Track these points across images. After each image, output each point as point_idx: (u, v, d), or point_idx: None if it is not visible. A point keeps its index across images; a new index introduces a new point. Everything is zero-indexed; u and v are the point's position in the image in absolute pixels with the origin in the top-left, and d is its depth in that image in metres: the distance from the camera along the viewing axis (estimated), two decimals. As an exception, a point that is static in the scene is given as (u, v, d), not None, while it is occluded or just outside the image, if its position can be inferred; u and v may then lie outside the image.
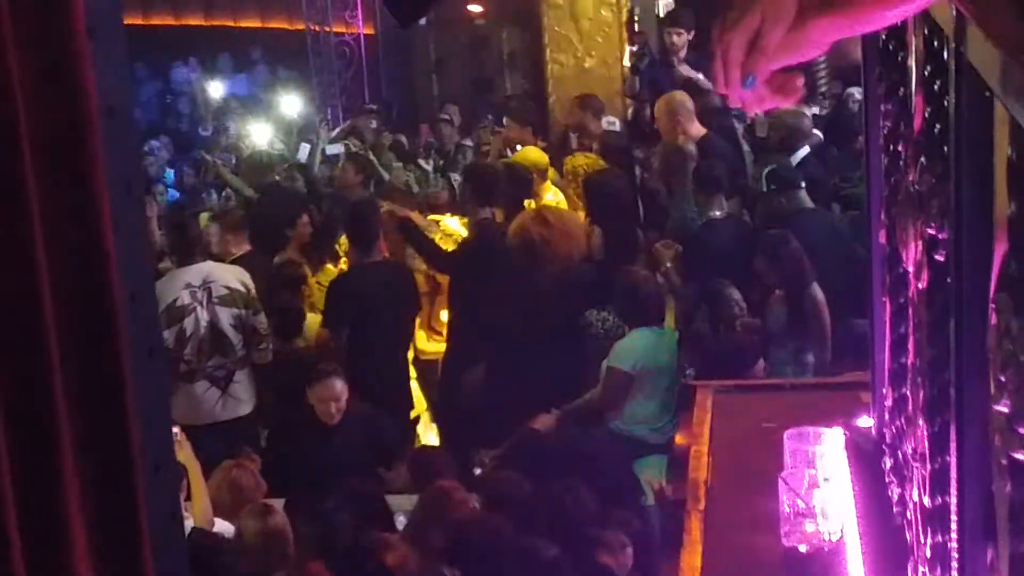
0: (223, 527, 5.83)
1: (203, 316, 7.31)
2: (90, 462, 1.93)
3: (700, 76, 9.70)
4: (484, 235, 7.56)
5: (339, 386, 6.67)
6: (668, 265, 7.29)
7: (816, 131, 8.98)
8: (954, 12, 1.61)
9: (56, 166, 1.87)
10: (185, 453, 6.09)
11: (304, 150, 11.37)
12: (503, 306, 7.31)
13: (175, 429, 6.06)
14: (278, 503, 5.83)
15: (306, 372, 6.98)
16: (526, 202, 8.15)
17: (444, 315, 7.98)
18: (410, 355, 7.90)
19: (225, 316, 7.35)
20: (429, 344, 8.40)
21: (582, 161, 8.75)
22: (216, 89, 15.97)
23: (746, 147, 8.82)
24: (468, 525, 5.51)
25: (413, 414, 7.84)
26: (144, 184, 7.91)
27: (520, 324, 7.33)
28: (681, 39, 9.89)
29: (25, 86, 1.81)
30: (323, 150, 11.33)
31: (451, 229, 8.47)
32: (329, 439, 6.68)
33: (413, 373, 7.89)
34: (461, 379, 7.46)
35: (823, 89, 11.11)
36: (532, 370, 7.06)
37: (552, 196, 8.77)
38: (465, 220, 8.33)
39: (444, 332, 7.96)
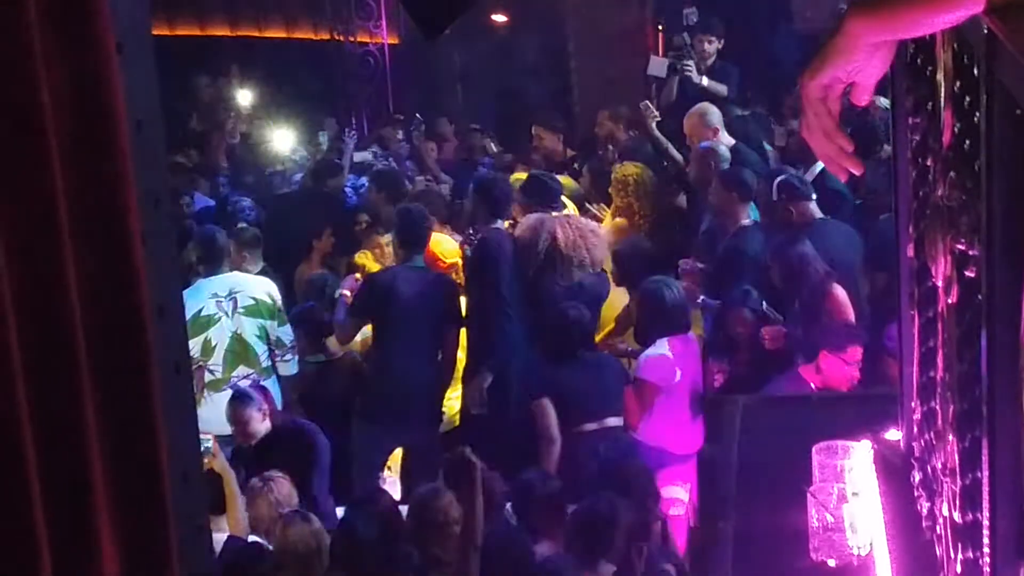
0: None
1: (229, 326, 7.34)
2: (119, 473, 1.94)
3: (722, 87, 9.68)
4: (494, 243, 7.55)
5: (241, 411, 6.69)
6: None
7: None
8: (985, 29, 1.61)
9: (85, 180, 1.88)
10: (220, 462, 6.11)
11: (336, 160, 11.42)
12: (514, 313, 7.30)
13: (210, 438, 6.11)
14: None
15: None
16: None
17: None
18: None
19: (250, 326, 7.37)
20: None
21: (632, 171, 8.75)
22: (243, 98, 16.01)
23: (774, 157, 8.81)
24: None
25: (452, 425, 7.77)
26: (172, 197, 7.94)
27: (533, 333, 7.32)
28: (712, 46, 9.88)
29: (54, 100, 1.82)
30: (351, 159, 11.38)
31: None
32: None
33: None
34: (468, 387, 7.46)
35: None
36: (544, 379, 7.02)
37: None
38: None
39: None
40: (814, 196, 7.33)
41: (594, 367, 6.87)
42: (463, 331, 7.56)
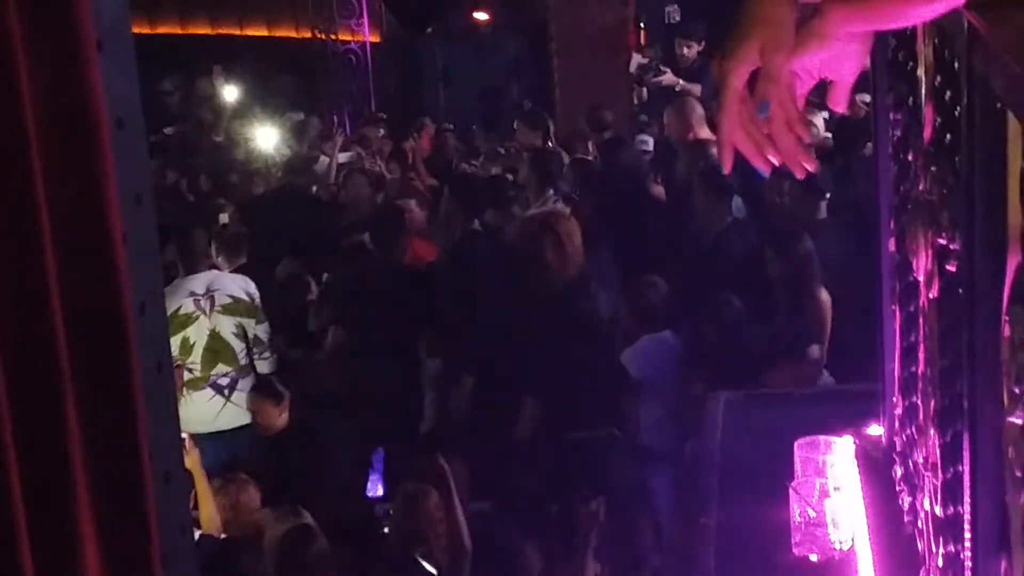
0: None
1: (207, 324, 7.32)
2: (101, 473, 1.93)
3: (696, 86, 9.67)
4: (471, 248, 7.52)
5: (259, 403, 6.79)
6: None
7: (826, 133, 8.96)
8: (966, 23, 1.61)
9: (66, 178, 1.87)
10: (192, 461, 6.11)
11: (323, 163, 11.44)
12: (493, 319, 7.28)
13: (183, 437, 6.11)
14: None
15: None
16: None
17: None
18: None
19: (228, 324, 7.35)
20: None
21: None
22: (224, 96, 15.99)
23: None
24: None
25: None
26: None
27: (514, 338, 7.29)
28: (692, 51, 9.91)
29: (34, 98, 1.81)
30: (337, 159, 11.39)
31: None
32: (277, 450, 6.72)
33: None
34: (449, 393, 7.43)
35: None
36: (528, 384, 6.99)
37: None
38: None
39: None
40: (827, 195, 7.33)
41: (595, 371, 6.82)
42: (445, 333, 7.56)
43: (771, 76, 1.69)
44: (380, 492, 7.14)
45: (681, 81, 9.67)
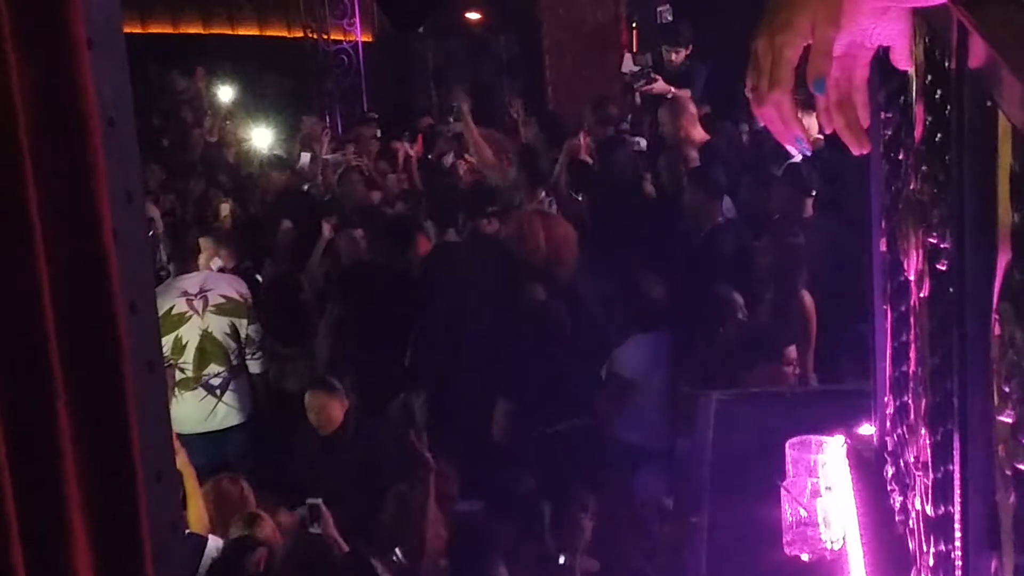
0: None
1: (199, 324, 7.31)
2: (92, 472, 1.93)
3: (685, 92, 9.67)
4: (445, 259, 7.52)
5: (324, 399, 6.65)
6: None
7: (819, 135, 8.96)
8: (956, 21, 1.61)
9: (56, 177, 1.87)
10: (181, 460, 6.09)
11: (306, 158, 11.44)
12: (465, 326, 7.26)
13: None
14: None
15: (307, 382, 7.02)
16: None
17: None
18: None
19: (221, 324, 7.35)
20: None
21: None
22: (218, 96, 15.97)
23: (748, 152, 8.82)
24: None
25: None
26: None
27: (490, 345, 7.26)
28: (679, 56, 9.93)
29: (25, 97, 1.81)
30: (325, 158, 11.39)
31: None
32: (323, 452, 6.67)
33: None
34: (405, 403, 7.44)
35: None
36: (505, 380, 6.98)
37: None
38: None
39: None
40: (814, 192, 7.34)
41: (565, 366, 6.84)
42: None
43: (826, 52, 1.65)
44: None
45: (673, 89, 9.69)
